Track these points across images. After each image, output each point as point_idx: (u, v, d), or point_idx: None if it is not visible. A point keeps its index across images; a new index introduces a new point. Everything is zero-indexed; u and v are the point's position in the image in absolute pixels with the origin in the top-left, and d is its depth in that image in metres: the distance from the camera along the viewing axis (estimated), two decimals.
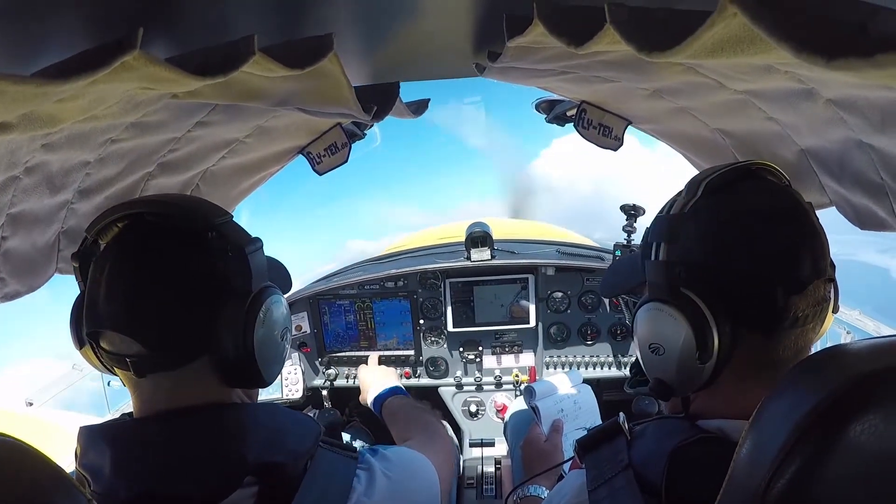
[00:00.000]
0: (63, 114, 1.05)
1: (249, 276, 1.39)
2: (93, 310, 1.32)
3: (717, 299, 1.27)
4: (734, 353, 1.28)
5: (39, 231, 1.72)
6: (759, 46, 0.87)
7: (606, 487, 1.31)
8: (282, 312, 1.49)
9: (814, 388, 0.85)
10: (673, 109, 2.08)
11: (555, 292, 4.02)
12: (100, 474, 1.27)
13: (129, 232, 1.36)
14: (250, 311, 1.35)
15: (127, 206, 1.37)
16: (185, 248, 1.34)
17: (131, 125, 1.58)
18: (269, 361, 1.43)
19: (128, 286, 1.30)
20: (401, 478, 1.55)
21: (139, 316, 1.30)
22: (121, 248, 1.34)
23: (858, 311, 3.97)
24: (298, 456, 1.38)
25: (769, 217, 1.27)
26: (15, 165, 1.39)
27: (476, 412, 4.14)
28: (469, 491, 3.40)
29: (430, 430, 2.33)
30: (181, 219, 1.37)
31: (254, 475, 1.31)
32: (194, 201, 1.51)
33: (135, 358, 1.30)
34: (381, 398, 2.86)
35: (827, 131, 1.59)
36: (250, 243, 1.42)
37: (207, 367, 1.36)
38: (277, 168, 2.69)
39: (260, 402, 1.57)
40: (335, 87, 1.56)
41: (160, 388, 1.34)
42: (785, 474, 0.80)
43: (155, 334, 1.30)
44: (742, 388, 1.30)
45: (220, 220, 1.40)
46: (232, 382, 1.40)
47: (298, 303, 4.15)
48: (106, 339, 1.33)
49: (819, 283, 1.24)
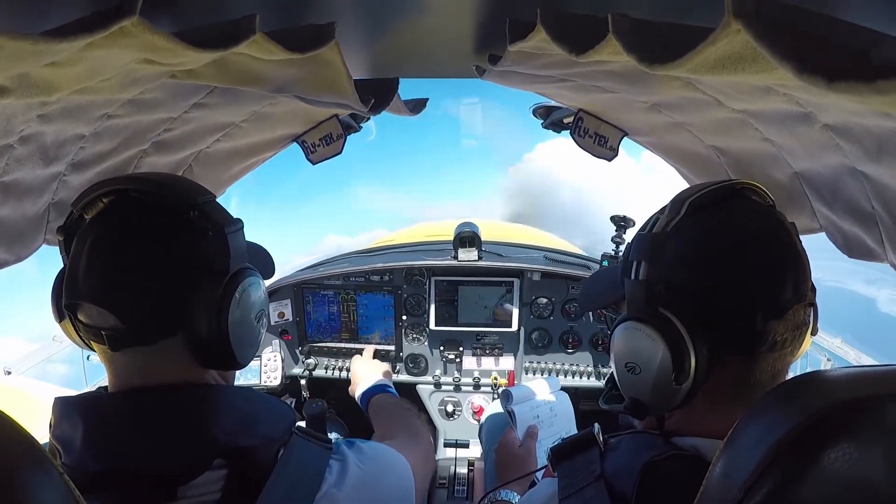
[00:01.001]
0: (59, 80, 1.04)
1: (228, 257, 1.39)
2: (72, 282, 1.33)
3: (696, 321, 1.26)
4: (711, 375, 1.27)
5: (30, 201, 1.71)
6: (760, 65, 0.87)
7: (577, 497, 1.31)
8: (259, 295, 1.49)
9: (790, 412, 0.85)
10: (669, 124, 2.08)
11: (539, 298, 4.03)
12: (71, 446, 1.27)
13: (113, 207, 1.36)
14: (226, 290, 1.36)
15: (113, 181, 1.37)
16: (165, 225, 1.35)
17: (128, 102, 1.58)
18: (243, 343, 1.43)
19: (107, 259, 1.31)
20: (374, 472, 1.55)
21: (116, 289, 1.30)
22: (103, 223, 1.35)
23: (840, 338, 3.99)
24: (270, 441, 1.38)
25: (752, 240, 1.26)
26: (9, 133, 1.38)
27: (452, 412, 4.15)
28: (441, 491, 3.41)
29: (412, 432, 2.32)
30: (164, 196, 1.37)
31: (224, 458, 1.30)
32: (179, 180, 1.52)
33: (110, 331, 1.30)
34: (369, 394, 2.85)
35: (822, 156, 1.60)
36: (231, 224, 1.42)
37: (182, 346, 1.36)
38: (271, 154, 2.69)
39: (235, 386, 1.57)
40: (334, 76, 1.55)
41: (134, 364, 1.35)
42: (756, 496, 0.80)
43: (130, 308, 1.31)
44: (718, 409, 1.30)
45: (202, 200, 1.40)
46: (206, 362, 1.40)
47: (283, 290, 4.14)
48: (83, 311, 1.34)
49: (799, 308, 1.24)
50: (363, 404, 2.86)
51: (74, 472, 1.20)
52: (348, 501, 1.40)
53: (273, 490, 1.31)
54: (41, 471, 0.84)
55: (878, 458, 0.76)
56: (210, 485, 1.29)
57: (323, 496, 1.36)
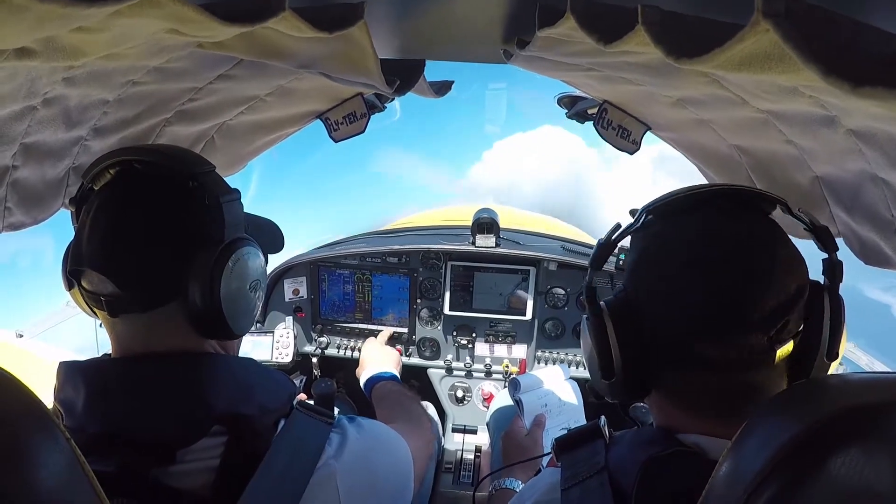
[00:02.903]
0: (86, 46, 1.05)
1: (223, 226, 1.42)
2: (77, 250, 1.39)
3: (631, 329, 1.33)
4: (650, 379, 1.34)
5: (51, 164, 1.72)
6: (787, 65, 0.87)
7: (580, 488, 1.32)
8: (254, 264, 1.51)
9: (798, 416, 0.85)
10: (693, 120, 2.07)
11: (555, 288, 4.02)
12: (72, 409, 1.31)
13: (118, 178, 1.42)
14: (219, 259, 1.39)
15: (119, 153, 1.43)
16: (163, 194, 1.39)
17: (154, 69, 1.58)
18: (237, 312, 1.46)
19: (106, 227, 1.36)
20: (373, 447, 1.57)
21: (114, 255, 1.35)
22: (106, 192, 1.40)
23: (853, 343, 3.97)
24: (268, 412, 1.41)
25: (689, 260, 1.26)
26: (34, 95, 1.39)
27: (462, 398, 4.14)
28: (446, 475, 3.42)
29: (413, 418, 2.36)
30: (166, 167, 1.42)
31: (221, 424, 1.33)
32: (181, 151, 1.56)
33: (109, 297, 1.35)
34: (374, 380, 2.90)
35: (844, 161, 1.59)
36: (227, 194, 1.45)
37: (179, 314, 1.39)
38: (294, 130, 2.69)
39: (235, 356, 1.60)
40: (361, 55, 1.56)
41: (134, 331, 1.39)
42: (760, 498, 0.80)
43: (127, 275, 1.35)
44: (692, 413, 1.32)
45: (201, 170, 1.44)
46: (202, 331, 1.43)
47: (298, 267, 4.16)
48: (86, 278, 1.39)
49: (749, 336, 1.19)
50: (367, 390, 2.90)
51: (75, 434, 1.22)
52: (345, 473, 1.42)
53: (273, 460, 1.33)
54: (47, 434, 0.86)
55: (885, 465, 0.75)
56: (208, 451, 1.31)
57: (321, 467, 1.38)
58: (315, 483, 1.35)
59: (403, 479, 1.70)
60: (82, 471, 0.90)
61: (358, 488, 1.45)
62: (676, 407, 1.34)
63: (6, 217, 1.68)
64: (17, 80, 1.28)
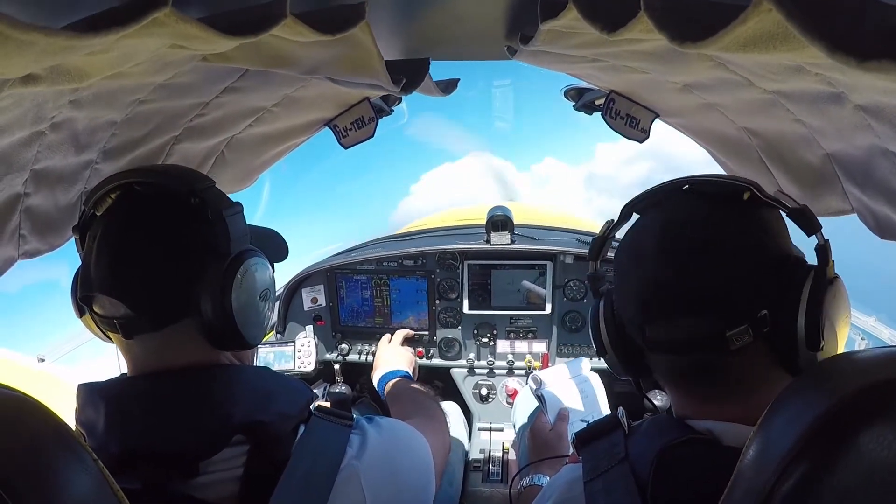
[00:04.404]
0: (91, 68, 1.06)
1: (228, 240, 1.44)
2: (86, 275, 1.41)
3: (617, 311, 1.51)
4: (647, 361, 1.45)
5: (62, 189, 1.73)
6: (791, 44, 0.87)
7: (602, 480, 1.33)
8: (262, 275, 1.53)
9: (824, 393, 0.85)
10: (701, 105, 2.06)
11: (572, 280, 4.00)
12: (94, 430, 1.32)
13: (120, 201, 1.43)
14: (228, 272, 1.41)
15: (118, 176, 1.45)
16: (166, 213, 1.41)
17: (159, 86, 1.59)
18: (249, 323, 1.47)
19: (113, 250, 1.38)
20: (394, 446, 1.59)
21: (124, 278, 1.37)
22: (109, 216, 1.42)
23: (875, 318, 3.94)
24: (287, 418, 1.42)
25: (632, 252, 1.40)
26: (41, 120, 1.40)
27: (487, 396, 4.14)
28: (475, 474, 3.41)
29: (429, 414, 2.36)
30: (165, 186, 1.44)
31: (242, 434, 1.35)
32: (180, 170, 1.61)
33: (122, 320, 1.37)
34: (386, 379, 2.95)
35: (853, 137, 1.58)
36: (230, 207, 1.47)
37: (192, 329, 1.41)
38: (303, 139, 2.69)
39: (251, 366, 1.62)
40: (366, 56, 1.56)
41: (149, 350, 1.41)
42: (791, 478, 0.79)
43: (139, 296, 1.37)
44: (693, 399, 1.37)
45: (201, 186, 1.45)
46: (217, 344, 1.45)
47: (315, 275, 4.17)
48: (97, 302, 1.42)
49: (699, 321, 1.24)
50: (380, 389, 2.95)
51: (98, 454, 1.25)
52: (368, 473, 1.43)
53: (296, 465, 1.34)
54: (75, 457, 0.87)
55: None
56: (231, 460, 1.33)
57: (344, 468, 1.39)
58: (339, 484, 1.36)
59: (426, 475, 1.71)
60: (111, 489, 0.91)
61: (382, 486, 1.47)
62: (675, 391, 1.40)
63: (21, 245, 1.69)
64: (23, 107, 1.28)
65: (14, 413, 0.85)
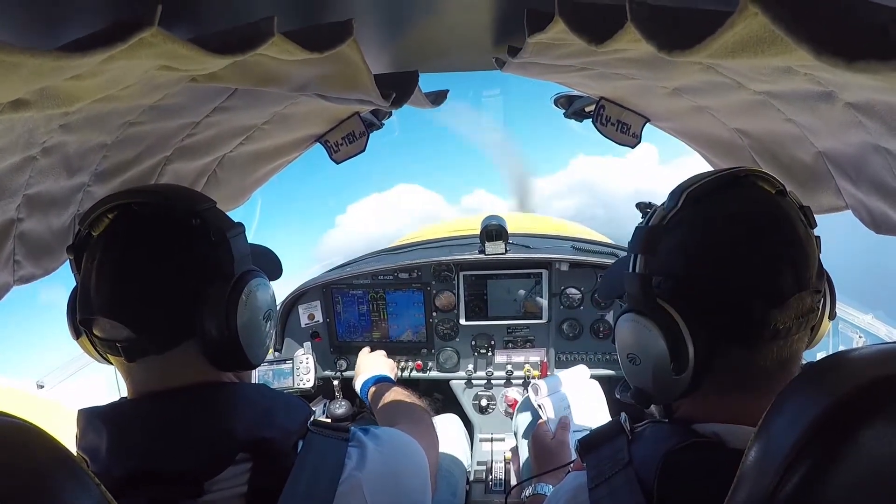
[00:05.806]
0: (80, 91, 1.06)
1: (231, 261, 1.43)
2: (85, 298, 1.38)
3: (694, 311, 1.28)
4: (713, 364, 1.28)
5: (55, 213, 1.72)
6: (779, 47, 0.87)
7: (606, 486, 1.32)
8: (265, 295, 1.53)
9: (822, 392, 0.84)
10: (692, 108, 2.07)
11: (568, 288, 4.00)
12: (96, 454, 1.31)
13: (118, 222, 1.40)
14: (232, 294, 1.40)
15: (115, 197, 1.42)
16: (168, 234, 1.39)
17: (149, 108, 1.59)
18: (253, 344, 1.47)
19: (115, 273, 1.36)
20: (392, 455, 1.60)
21: (126, 300, 1.35)
22: (109, 238, 1.39)
23: (871, 315, 3.94)
24: (288, 433, 1.42)
25: (749, 228, 1.26)
26: (32, 145, 1.40)
27: (486, 407, 4.14)
28: (477, 485, 3.41)
29: (415, 416, 2.38)
30: (166, 207, 1.42)
31: (246, 451, 1.34)
32: (179, 190, 1.57)
33: (125, 343, 1.35)
34: (369, 384, 2.96)
35: (845, 134, 1.58)
36: (232, 228, 1.46)
37: (195, 350, 1.40)
38: (295, 156, 2.69)
39: (251, 384, 1.61)
40: (354, 72, 1.56)
41: (151, 372, 1.39)
42: (793, 478, 0.79)
43: (142, 318, 1.35)
44: (727, 398, 1.31)
45: (202, 207, 1.44)
46: (220, 365, 1.44)
47: (311, 291, 4.16)
48: (98, 325, 1.39)
49: (804, 296, 1.23)
50: (363, 394, 2.96)
51: (101, 479, 1.24)
52: (370, 483, 1.44)
53: (298, 479, 1.34)
54: (78, 483, 0.87)
55: None
56: (236, 478, 1.33)
57: (345, 479, 1.40)
58: (341, 495, 1.37)
59: (423, 478, 1.72)
60: None
61: (384, 494, 1.48)
62: (699, 395, 1.34)
63: (17, 271, 1.68)
64: (14, 132, 1.28)
65: (17, 440, 0.84)
